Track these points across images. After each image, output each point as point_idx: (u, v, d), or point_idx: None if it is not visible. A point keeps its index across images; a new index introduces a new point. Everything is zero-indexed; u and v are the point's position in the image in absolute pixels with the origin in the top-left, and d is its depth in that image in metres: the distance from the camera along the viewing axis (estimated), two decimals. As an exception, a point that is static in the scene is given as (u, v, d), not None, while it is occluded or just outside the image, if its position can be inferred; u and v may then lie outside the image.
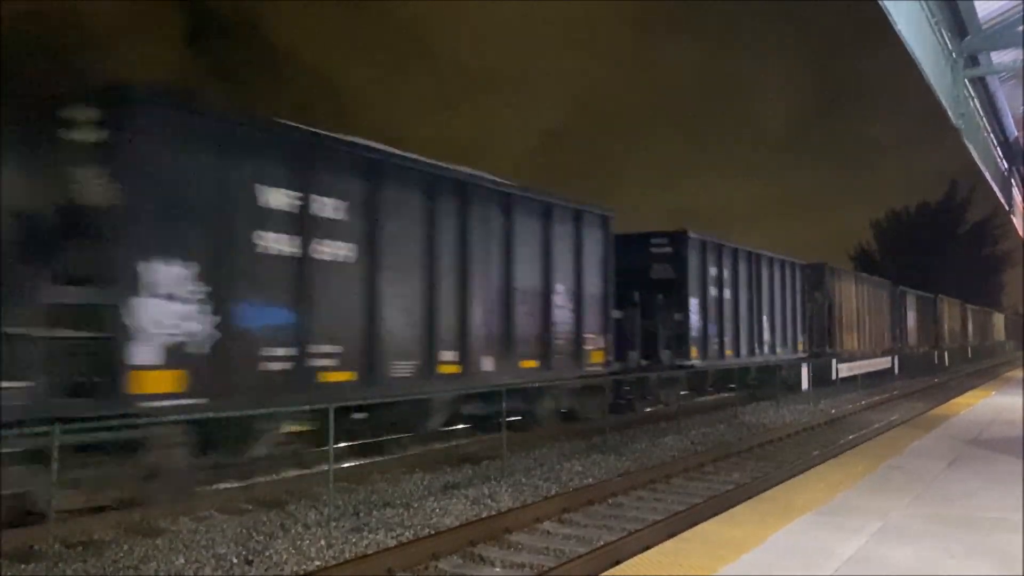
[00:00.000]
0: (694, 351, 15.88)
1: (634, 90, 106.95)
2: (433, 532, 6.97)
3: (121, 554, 6.35)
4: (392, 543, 6.69)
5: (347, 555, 6.41)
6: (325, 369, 8.38)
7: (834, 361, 21.78)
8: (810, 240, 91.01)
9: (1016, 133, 13.74)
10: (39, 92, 7.03)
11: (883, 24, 7.14)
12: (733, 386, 19.66)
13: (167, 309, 6.96)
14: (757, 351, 18.78)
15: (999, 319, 63.02)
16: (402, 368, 9.31)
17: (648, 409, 15.60)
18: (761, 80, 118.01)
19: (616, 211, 13.85)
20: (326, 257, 8.45)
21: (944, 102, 9.57)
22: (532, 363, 11.45)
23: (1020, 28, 9.34)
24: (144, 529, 7.05)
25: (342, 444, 9.32)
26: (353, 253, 8.77)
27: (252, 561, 6.25)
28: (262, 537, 6.87)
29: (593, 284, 12.75)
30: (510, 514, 7.50)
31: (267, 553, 6.43)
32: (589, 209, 12.91)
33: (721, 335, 16.96)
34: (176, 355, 7.01)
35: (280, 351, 7.92)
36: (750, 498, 6.51)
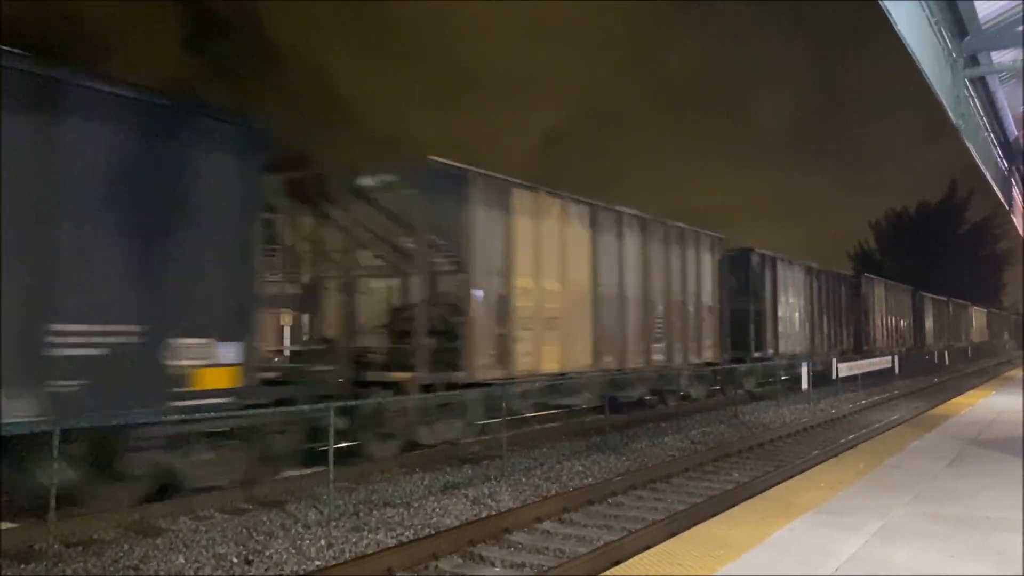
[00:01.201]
0: None
1: (636, 90, 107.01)
2: (433, 532, 6.97)
3: (121, 554, 6.35)
4: (392, 543, 6.69)
5: (347, 555, 6.41)
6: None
7: (834, 361, 21.72)
8: (810, 240, 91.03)
9: (1016, 133, 13.74)
10: None
11: (883, 24, 7.15)
12: None
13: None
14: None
15: (979, 315, 52.64)
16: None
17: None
18: (762, 81, 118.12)
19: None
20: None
21: (944, 102, 9.57)
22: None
23: (1020, 28, 9.35)
24: (144, 529, 7.05)
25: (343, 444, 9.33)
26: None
27: (252, 561, 6.25)
28: (262, 537, 6.87)
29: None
30: (510, 514, 7.50)
31: (267, 553, 6.43)
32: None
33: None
34: None
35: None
36: (750, 497, 6.52)
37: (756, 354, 19.20)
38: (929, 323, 36.41)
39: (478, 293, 10.67)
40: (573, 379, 12.51)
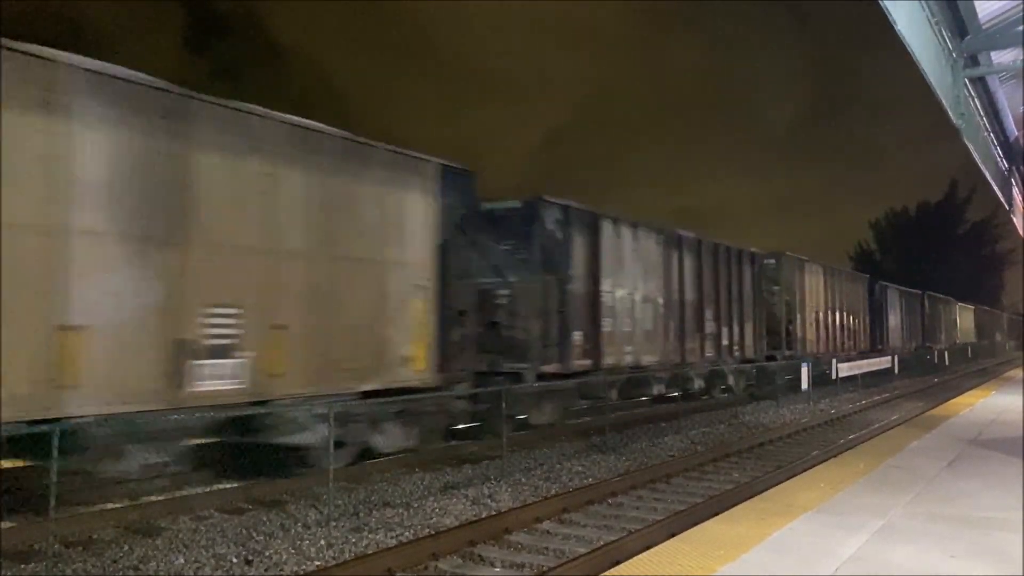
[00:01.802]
0: None
1: (638, 90, 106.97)
2: (433, 532, 6.97)
3: (121, 554, 6.35)
4: (392, 543, 6.69)
5: (347, 555, 6.41)
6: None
7: (834, 361, 21.68)
8: (810, 240, 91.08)
9: (1016, 133, 13.75)
10: None
11: (884, 24, 7.15)
12: None
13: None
14: None
15: (965, 313, 45.52)
16: None
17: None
18: (764, 81, 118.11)
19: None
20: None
21: (944, 102, 9.58)
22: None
23: (1020, 28, 9.36)
24: (144, 529, 7.06)
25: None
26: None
27: (252, 561, 6.25)
28: (262, 537, 6.87)
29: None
30: (510, 514, 7.50)
31: (267, 553, 6.43)
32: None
33: None
34: None
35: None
36: (750, 497, 6.51)
37: (549, 367, 12.03)
38: (893, 321, 29.99)
39: None
40: None
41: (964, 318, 44.94)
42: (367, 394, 8.97)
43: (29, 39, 6.42)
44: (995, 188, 14.98)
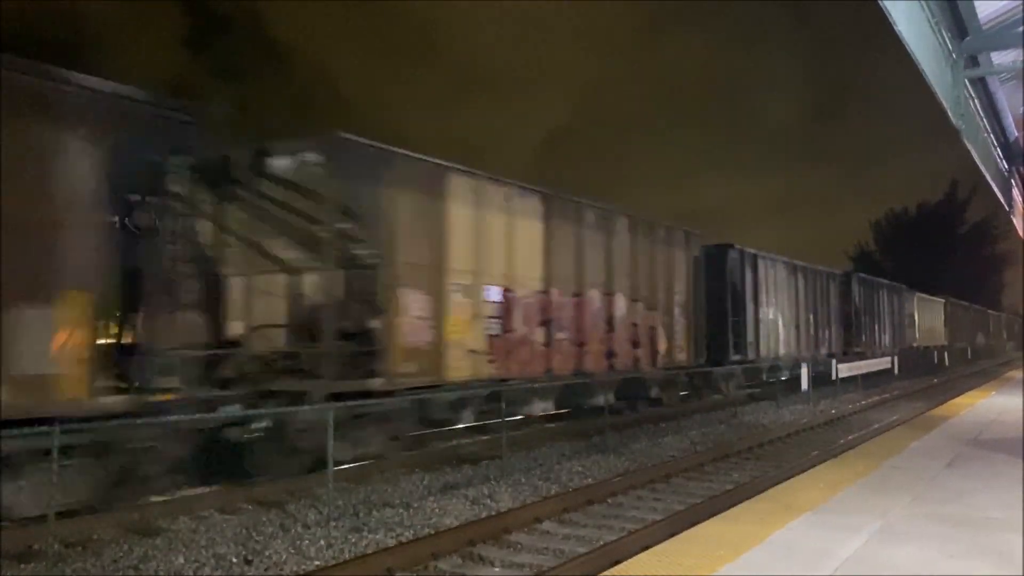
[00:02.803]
0: None
1: (639, 89, 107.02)
2: (433, 532, 6.98)
3: (121, 554, 6.36)
4: (392, 543, 6.70)
5: (347, 555, 6.41)
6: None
7: (833, 361, 21.71)
8: (810, 240, 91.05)
9: (1016, 133, 13.74)
10: None
11: (884, 24, 7.15)
12: None
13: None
14: None
15: (931, 308, 35.09)
16: None
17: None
18: (764, 80, 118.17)
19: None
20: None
21: (944, 102, 9.56)
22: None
23: (1020, 28, 9.35)
24: (144, 529, 7.06)
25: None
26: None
27: (252, 561, 6.25)
28: (262, 537, 6.88)
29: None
30: (510, 514, 7.51)
31: (267, 553, 6.43)
32: None
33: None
34: None
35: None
36: (750, 498, 6.52)
37: None
38: (771, 314, 19.31)
39: None
40: None
41: (928, 314, 34.14)
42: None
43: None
44: (995, 189, 14.97)
